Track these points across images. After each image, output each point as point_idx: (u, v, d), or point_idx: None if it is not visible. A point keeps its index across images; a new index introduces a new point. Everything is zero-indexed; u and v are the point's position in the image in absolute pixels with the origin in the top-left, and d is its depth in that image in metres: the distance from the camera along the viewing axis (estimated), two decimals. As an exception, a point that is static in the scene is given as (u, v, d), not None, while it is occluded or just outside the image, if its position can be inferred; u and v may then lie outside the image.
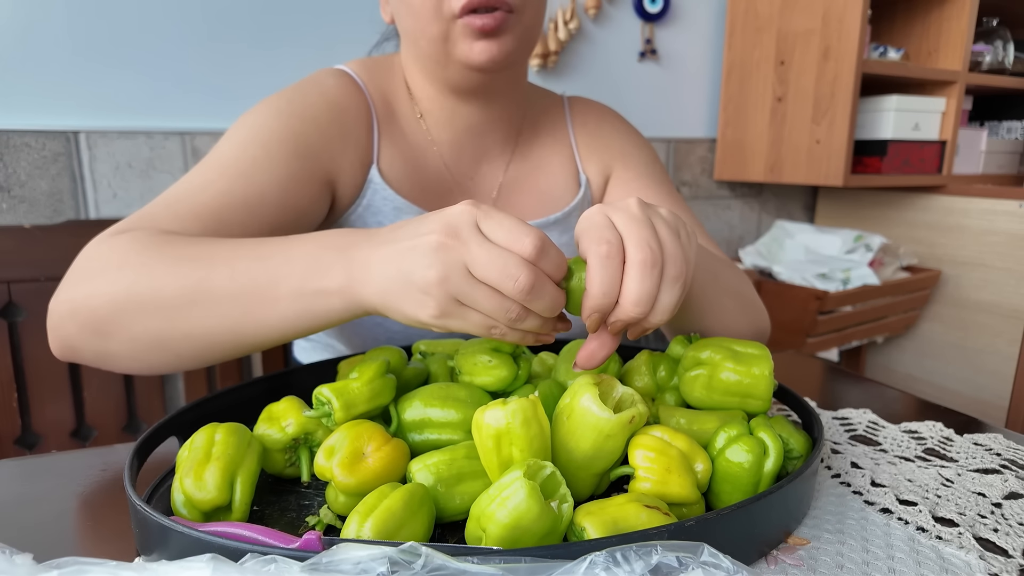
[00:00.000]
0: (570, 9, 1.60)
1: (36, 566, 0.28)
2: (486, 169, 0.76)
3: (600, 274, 0.39)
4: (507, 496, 0.35)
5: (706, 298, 0.59)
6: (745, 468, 0.41)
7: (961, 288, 1.74)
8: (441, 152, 0.74)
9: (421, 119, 0.73)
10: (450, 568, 0.29)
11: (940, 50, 1.77)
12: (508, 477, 0.36)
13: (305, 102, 0.66)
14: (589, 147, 0.81)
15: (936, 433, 0.57)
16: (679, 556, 0.29)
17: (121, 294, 0.48)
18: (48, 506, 0.46)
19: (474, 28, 0.59)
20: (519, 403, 0.39)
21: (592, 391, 0.40)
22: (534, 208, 0.78)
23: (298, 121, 0.64)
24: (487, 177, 0.76)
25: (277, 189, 0.61)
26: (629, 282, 0.39)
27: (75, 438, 0.96)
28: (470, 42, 0.61)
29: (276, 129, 0.63)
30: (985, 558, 0.38)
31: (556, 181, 0.79)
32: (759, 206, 2.03)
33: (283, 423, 0.47)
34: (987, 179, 1.97)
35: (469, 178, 0.76)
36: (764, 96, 1.75)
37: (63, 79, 1.19)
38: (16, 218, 1.20)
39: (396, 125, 0.72)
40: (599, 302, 0.40)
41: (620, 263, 0.40)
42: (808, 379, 0.72)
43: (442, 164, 0.74)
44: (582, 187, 0.79)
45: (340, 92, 0.68)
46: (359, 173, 0.69)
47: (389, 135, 0.71)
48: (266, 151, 0.61)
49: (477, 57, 0.62)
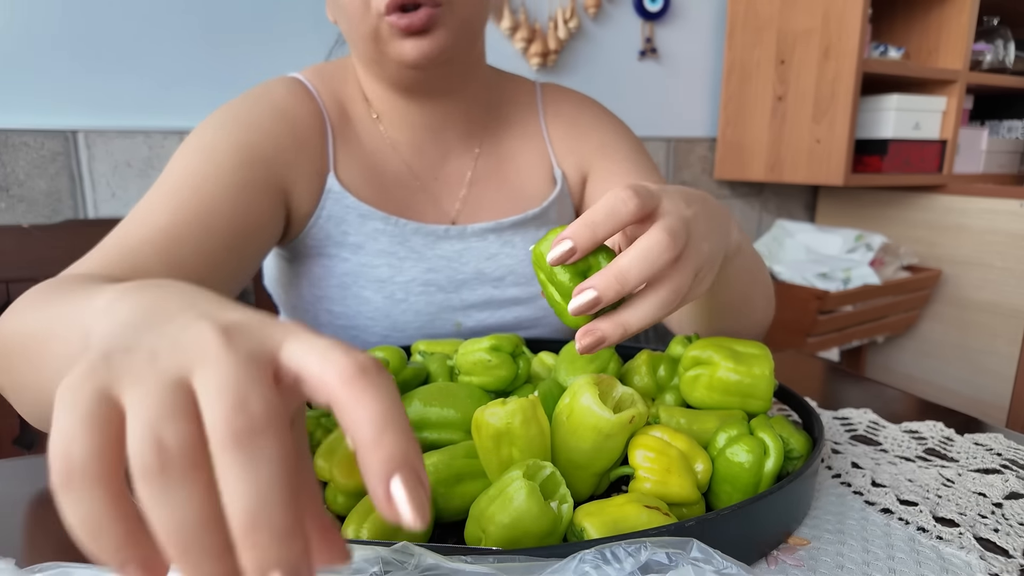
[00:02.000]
0: (570, 8, 1.59)
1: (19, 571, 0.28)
2: (453, 166, 0.74)
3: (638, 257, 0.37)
4: (507, 497, 0.34)
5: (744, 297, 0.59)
6: (745, 468, 0.41)
7: (962, 288, 1.74)
8: (401, 153, 0.72)
9: (377, 120, 0.71)
10: (443, 568, 0.29)
11: (941, 49, 1.77)
12: (508, 477, 0.35)
13: (253, 111, 0.65)
14: (564, 142, 0.78)
15: (937, 433, 0.57)
16: (669, 553, 0.29)
17: None
18: (46, 507, 0.46)
19: (400, 27, 0.58)
20: (519, 403, 0.39)
21: (592, 391, 0.40)
22: (507, 204, 0.75)
23: (246, 131, 0.63)
24: (454, 174, 0.74)
25: (229, 202, 0.59)
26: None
27: (74, 438, 0.96)
28: (400, 41, 0.60)
29: (224, 141, 0.62)
30: (986, 558, 0.38)
31: (529, 175, 0.77)
32: (759, 206, 2.03)
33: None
34: (988, 178, 1.97)
35: (434, 177, 0.73)
36: (764, 95, 1.75)
37: (62, 78, 1.19)
38: (15, 217, 1.20)
39: (352, 130, 0.71)
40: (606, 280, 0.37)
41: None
42: (808, 379, 0.72)
43: (403, 165, 0.72)
44: (558, 183, 0.77)
45: (290, 100, 0.67)
46: (315, 182, 0.68)
47: (345, 141, 0.70)
48: (215, 164, 0.60)
49: (409, 55, 0.60)
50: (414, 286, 0.71)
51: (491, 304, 0.74)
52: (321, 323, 0.73)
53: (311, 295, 0.72)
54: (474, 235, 0.73)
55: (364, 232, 0.70)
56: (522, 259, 0.75)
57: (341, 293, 0.70)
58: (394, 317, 0.71)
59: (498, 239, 0.74)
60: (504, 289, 0.74)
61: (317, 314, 0.73)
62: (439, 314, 0.71)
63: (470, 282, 0.73)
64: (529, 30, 1.57)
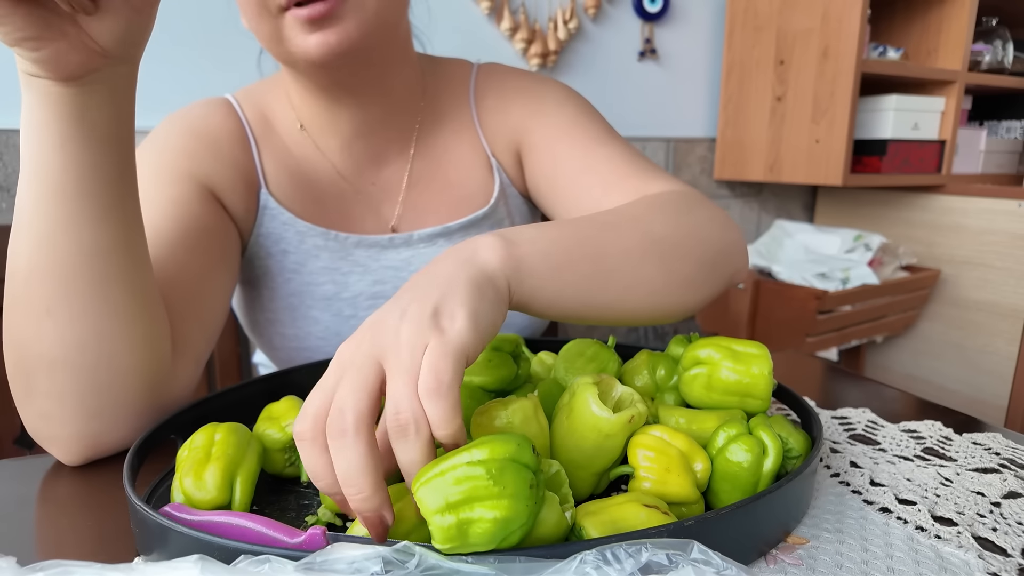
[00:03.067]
0: (569, 9, 1.60)
1: (20, 570, 0.28)
2: (388, 171, 0.70)
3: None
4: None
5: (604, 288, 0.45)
6: (744, 467, 0.41)
7: (960, 287, 1.74)
8: (333, 161, 0.69)
9: (304, 130, 0.68)
10: (443, 568, 0.29)
11: (939, 50, 1.77)
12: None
13: (167, 135, 0.65)
14: (492, 124, 0.70)
15: (935, 432, 0.57)
16: (669, 554, 0.29)
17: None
18: (48, 506, 0.46)
19: (300, 20, 0.54)
20: (519, 402, 0.39)
21: (592, 390, 0.40)
22: (448, 207, 0.71)
23: (160, 154, 0.63)
24: (391, 180, 0.70)
25: (166, 219, 0.59)
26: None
27: (74, 438, 0.96)
28: (304, 35, 0.55)
29: (144, 168, 0.61)
30: (984, 557, 0.38)
31: (468, 172, 0.71)
32: (758, 206, 2.03)
33: (283, 423, 0.47)
34: (986, 179, 1.97)
35: (371, 183, 0.70)
36: (764, 96, 1.75)
37: (62, 79, 1.19)
38: (15, 218, 1.20)
39: (279, 142, 0.68)
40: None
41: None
42: (807, 378, 0.72)
43: (336, 174, 0.69)
44: (496, 174, 0.71)
45: (208, 120, 0.66)
46: (248, 198, 0.66)
47: (272, 154, 0.68)
48: (140, 190, 0.56)
49: (314, 51, 0.55)
50: (361, 300, 0.69)
51: None
52: (275, 346, 0.72)
53: (263, 319, 0.71)
54: (421, 241, 0.70)
55: (303, 250, 0.68)
56: None
57: (291, 315, 0.69)
58: (344, 335, 0.68)
59: (448, 243, 0.70)
60: None
61: (271, 338, 0.72)
62: None
63: None
64: (529, 31, 1.57)
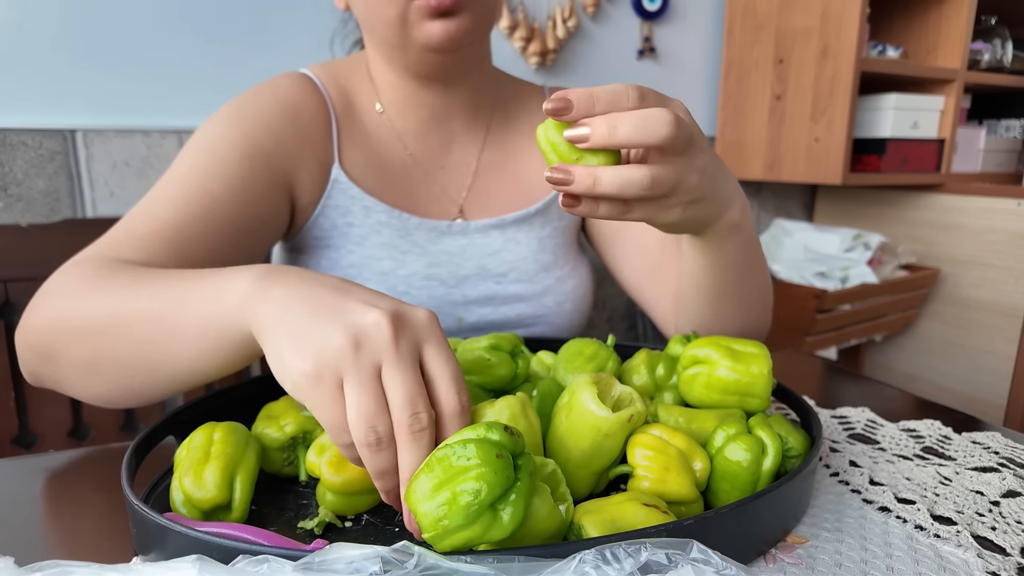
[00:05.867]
0: (569, 7, 1.59)
1: (18, 570, 0.28)
2: (457, 156, 0.75)
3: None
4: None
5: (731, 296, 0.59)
6: (744, 467, 0.41)
7: (959, 287, 1.74)
8: (406, 143, 0.73)
9: (384, 113, 0.72)
10: (442, 567, 0.29)
11: (939, 48, 1.77)
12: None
13: (256, 105, 0.67)
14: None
15: (934, 431, 0.57)
16: (668, 553, 0.29)
17: (57, 320, 0.49)
18: (46, 506, 0.46)
19: (430, 8, 0.60)
20: (506, 400, 0.39)
21: (591, 390, 0.40)
22: (512, 197, 0.76)
23: (248, 124, 0.65)
24: (459, 164, 0.75)
25: (233, 195, 0.61)
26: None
27: (72, 437, 0.96)
28: (427, 23, 0.61)
29: (228, 135, 0.63)
30: (983, 556, 0.38)
31: (534, 169, 0.77)
32: (758, 205, 2.03)
33: (282, 422, 0.47)
34: (986, 177, 1.97)
35: (440, 167, 0.75)
36: (763, 94, 1.75)
37: (60, 78, 1.19)
38: (13, 217, 1.20)
39: (357, 121, 0.72)
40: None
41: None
42: (807, 378, 0.72)
43: (407, 156, 0.73)
44: None
45: (293, 93, 0.68)
46: (319, 173, 0.69)
47: (350, 132, 0.71)
48: (219, 158, 0.62)
49: (435, 37, 0.61)
50: (416, 280, 0.71)
51: (493, 300, 0.74)
52: None
53: None
54: (477, 231, 0.74)
55: (368, 224, 0.71)
56: (525, 255, 0.75)
57: None
58: None
59: (501, 235, 0.75)
60: (506, 285, 0.74)
61: None
62: (441, 309, 0.72)
63: (472, 278, 0.73)
64: (528, 29, 1.57)
